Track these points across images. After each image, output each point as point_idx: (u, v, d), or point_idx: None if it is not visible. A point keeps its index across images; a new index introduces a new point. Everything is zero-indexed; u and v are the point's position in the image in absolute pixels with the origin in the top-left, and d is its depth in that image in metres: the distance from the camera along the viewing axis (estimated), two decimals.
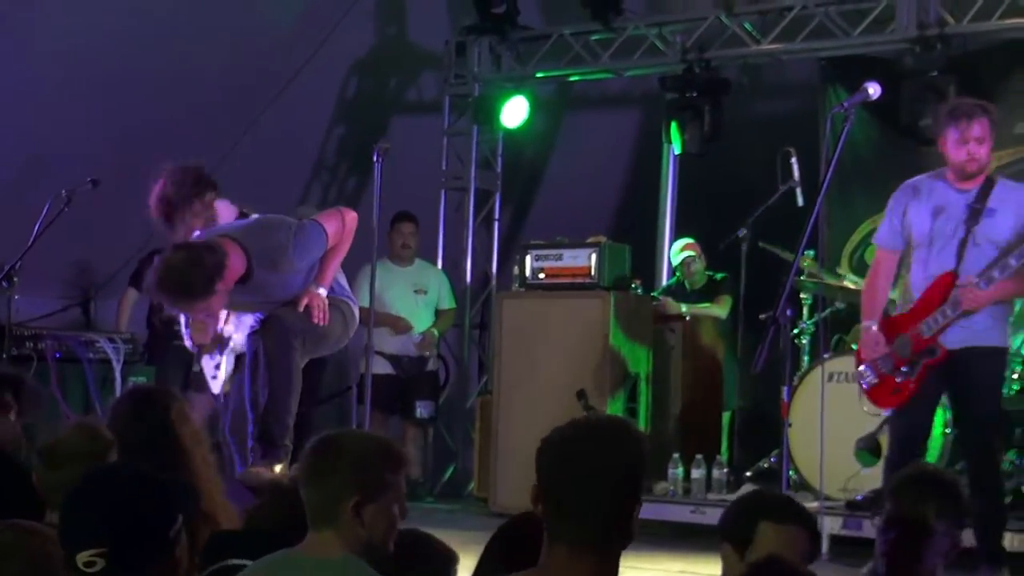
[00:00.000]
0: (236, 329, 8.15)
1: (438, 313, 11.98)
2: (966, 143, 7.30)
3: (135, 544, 3.15)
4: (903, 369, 7.39)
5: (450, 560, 4.06)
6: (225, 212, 8.24)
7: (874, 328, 7.48)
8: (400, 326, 11.65)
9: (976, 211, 7.29)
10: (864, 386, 7.55)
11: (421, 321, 11.80)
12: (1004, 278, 7.21)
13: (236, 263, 7.30)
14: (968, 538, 7.45)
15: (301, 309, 7.53)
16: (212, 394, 8.42)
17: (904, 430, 7.55)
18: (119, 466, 3.42)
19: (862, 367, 7.55)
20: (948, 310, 7.26)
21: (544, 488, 3.33)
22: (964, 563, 7.38)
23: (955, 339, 7.30)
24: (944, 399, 7.85)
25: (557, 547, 3.30)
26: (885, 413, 7.73)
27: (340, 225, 7.64)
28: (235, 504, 4.91)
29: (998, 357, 7.49)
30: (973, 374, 7.36)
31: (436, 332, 11.88)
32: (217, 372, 8.25)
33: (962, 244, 7.28)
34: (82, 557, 3.12)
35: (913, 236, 7.49)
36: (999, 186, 7.39)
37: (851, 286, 9.97)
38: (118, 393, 9.44)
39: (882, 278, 7.63)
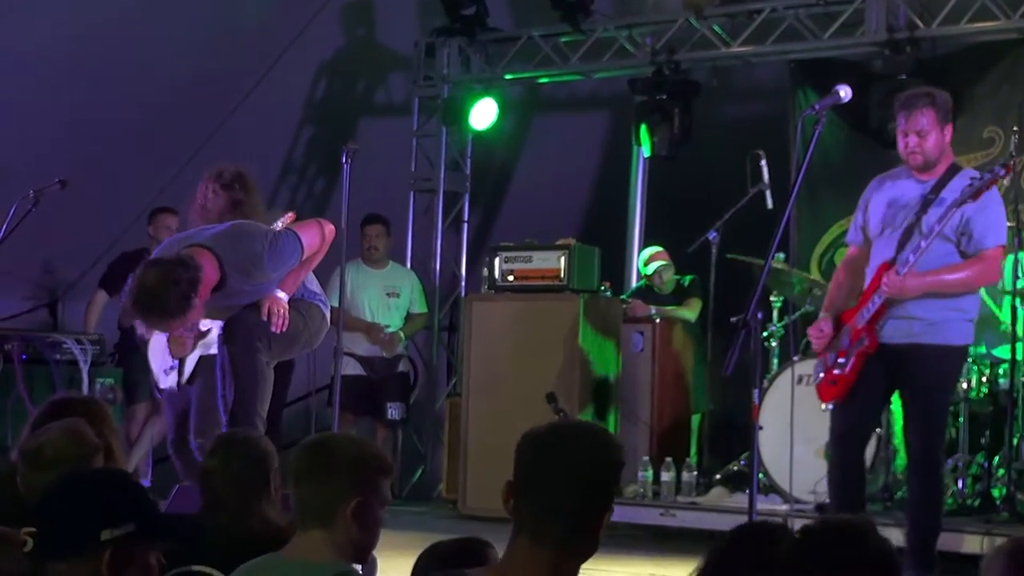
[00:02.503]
0: (212, 323, 8.08)
1: (409, 316, 11.93)
2: (906, 135, 7.21)
3: (59, 532, 3.14)
4: (840, 360, 7.29)
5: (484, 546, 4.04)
6: None
7: (821, 318, 7.46)
8: (374, 334, 11.58)
9: (928, 201, 7.14)
10: (815, 380, 7.54)
11: (392, 323, 11.77)
12: (935, 268, 7.06)
13: (210, 274, 7.23)
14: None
15: (264, 315, 7.50)
16: (158, 388, 8.34)
17: (841, 426, 7.38)
18: (105, 469, 3.43)
19: (816, 360, 7.55)
20: (876, 298, 7.14)
21: (517, 482, 3.41)
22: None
23: (895, 334, 7.19)
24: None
25: (519, 541, 3.36)
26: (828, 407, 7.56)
27: (319, 239, 7.61)
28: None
29: (944, 356, 7.25)
30: (913, 373, 7.21)
31: (403, 335, 11.82)
32: (176, 364, 8.15)
33: (905, 233, 7.15)
34: (21, 535, 3.16)
35: (870, 228, 7.40)
36: (959, 176, 7.20)
37: (819, 290, 9.99)
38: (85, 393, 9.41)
39: (843, 272, 7.59)
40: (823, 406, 7.56)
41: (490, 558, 3.96)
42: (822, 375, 7.43)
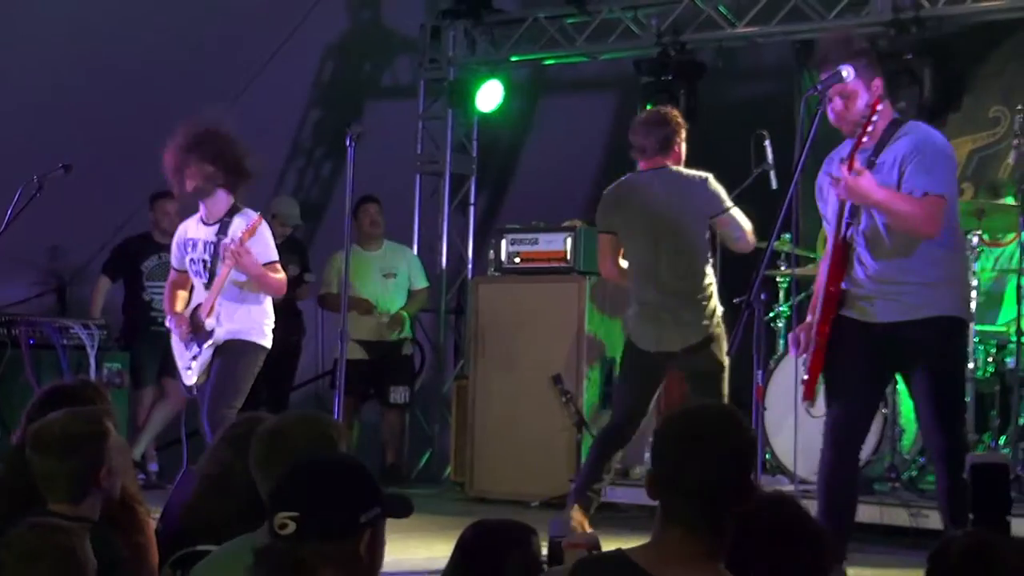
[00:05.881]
0: (219, 323, 8.22)
1: (410, 294, 11.88)
2: (830, 100, 6.43)
3: (325, 515, 3.28)
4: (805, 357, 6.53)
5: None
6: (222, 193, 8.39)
7: (804, 325, 6.62)
8: (363, 307, 11.50)
9: (869, 165, 6.37)
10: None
11: (392, 304, 11.71)
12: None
13: None
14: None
15: None
16: (184, 385, 8.49)
17: (836, 424, 6.53)
18: (337, 454, 3.60)
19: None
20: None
21: (667, 470, 3.47)
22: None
23: (887, 312, 6.43)
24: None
25: (672, 527, 3.44)
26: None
27: None
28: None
29: (942, 328, 6.45)
30: (912, 350, 6.44)
31: (405, 314, 11.77)
32: (192, 364, 8.31)
33: (850, 207, 6.45)
34: (278, 519, 3.26)
35: (828, 213, 6.69)
36: (901, 130, 6.42)
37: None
38: (92, 378, 9.45)
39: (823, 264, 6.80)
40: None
41: (533, 544, 3.99)
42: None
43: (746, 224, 8.25)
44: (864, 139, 6.37)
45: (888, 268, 6.44)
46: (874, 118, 6.30)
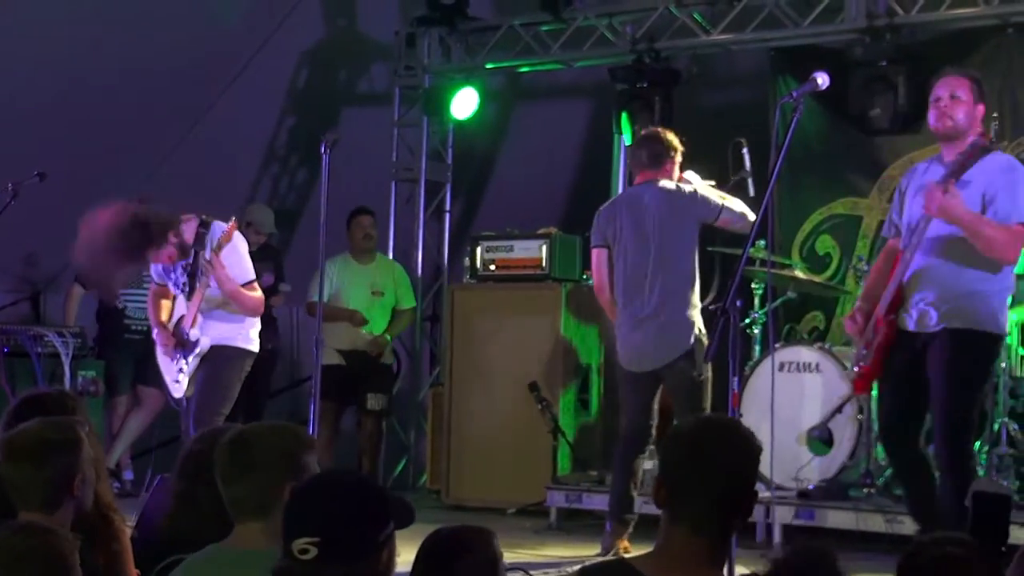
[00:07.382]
0: (203, 332, 8.23)
1: (395, 313, 11.75)
2: (938, 100, 6.85)
3: (345, 540, 3.31)
4: (863, 351, 6.98)
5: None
6: (186, 226, 8.38)
7: (855, 307, 7.17)
8: (356, 319, 11.42)
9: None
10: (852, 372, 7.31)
11: (376, 322, 11.56)
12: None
13: None
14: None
15: None
16: (172, 398, 8.50)
17: (883, 416, 7.16)
18: (345, 470, 3.63)
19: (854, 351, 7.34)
20: (891, 284, 6.87)
21: (672, 477, 3.62)
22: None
23: (923, 322, 6.83)
24: None
25: (678, 530, 3.58)
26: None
27: None
28: None
29: (969, 342, 6.80)
30: (935, 360, 6.77)
31: (388, 337, 11.63)
32: (180, 376, 8.32)
33: (925, 218, 6.78)
34: (297, 544, 3.28)
35: (903, 219, 7.03)
36: (989, 157, 6.78)
37: (801, 276, 10.02)
38: (67, 386, 9.43)
39: (882, 261, 7.23)
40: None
41: (486, 548, 3.99)
42: (855, 368, 7.14)
43: (739, 208, 8.56)
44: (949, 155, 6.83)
45: (943, 277, 6.82)
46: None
